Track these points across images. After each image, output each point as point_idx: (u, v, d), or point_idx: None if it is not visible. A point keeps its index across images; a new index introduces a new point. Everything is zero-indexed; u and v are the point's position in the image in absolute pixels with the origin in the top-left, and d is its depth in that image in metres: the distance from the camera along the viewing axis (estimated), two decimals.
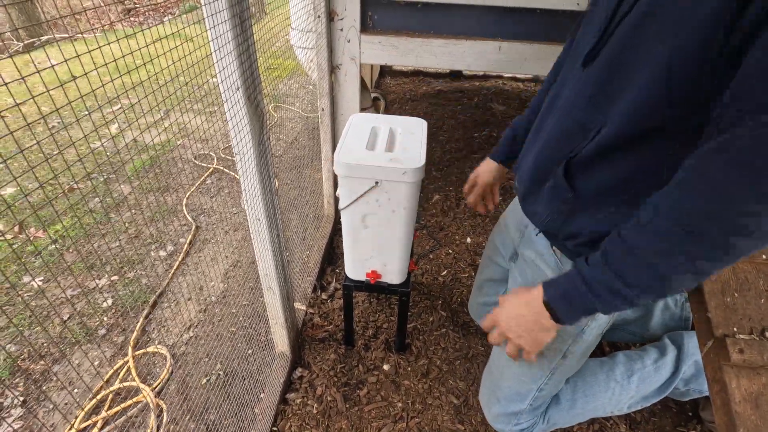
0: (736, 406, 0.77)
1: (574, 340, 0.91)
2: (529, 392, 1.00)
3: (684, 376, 1.06)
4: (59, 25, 4.50)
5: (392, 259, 1.16)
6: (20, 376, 1.30)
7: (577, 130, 0.71)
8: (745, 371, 0.79)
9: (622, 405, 1.09)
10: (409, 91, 3.55)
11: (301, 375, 1.31)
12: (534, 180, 0.82)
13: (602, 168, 0.69)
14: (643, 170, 0.65)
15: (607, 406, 1.08)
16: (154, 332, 1.47)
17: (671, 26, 0.54)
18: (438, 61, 1.47)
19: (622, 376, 1.07)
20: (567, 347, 0.93)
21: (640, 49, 0.59)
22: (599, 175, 0.70)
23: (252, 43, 0.80)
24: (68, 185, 2.21)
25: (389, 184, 0.99)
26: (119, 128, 2.63)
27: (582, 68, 0.69)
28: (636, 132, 0.62)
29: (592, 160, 0.69)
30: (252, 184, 0.91)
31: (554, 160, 0.76)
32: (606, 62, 0.65)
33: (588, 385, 1.07)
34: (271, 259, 1.05)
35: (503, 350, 1.01)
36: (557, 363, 0.96)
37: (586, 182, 0.72)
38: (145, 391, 1.25)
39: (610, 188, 0.69)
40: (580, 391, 1.07)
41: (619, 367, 1.08)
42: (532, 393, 1.00)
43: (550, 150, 0.77)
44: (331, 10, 1.41)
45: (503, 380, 1.04)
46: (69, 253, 1.80)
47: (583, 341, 0.92)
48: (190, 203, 2.13)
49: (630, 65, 0.61)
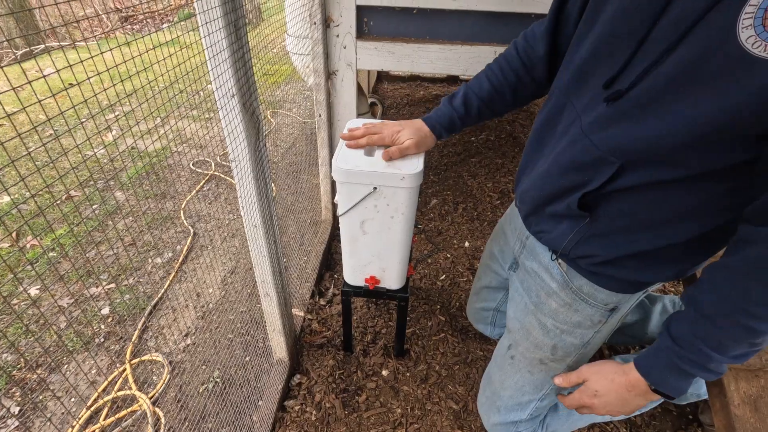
0: (735, 408, 0.77)
1: (579, 351, 0.90)
2: (530, 403, 0.99)
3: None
4: (57, 33, 4.51)
5: (391, 265, 1.16)
6: (16, 386, 1.29)
7: (594, 163, 0.65)
8: (743, 374, 0.79)
9: None
10: (406, 96, 3.57)
11: (299, 382, 1.31)
12: (539, 204, 0.79)
13: (627, 198, 0.65)
14: (677, 205, 0.62)
15: None
16: (151, 340, 1.46)
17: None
18: (434, 67, 1.47)
19: None
20: (571, 359, 0.91)
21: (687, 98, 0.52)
22: (622, 204, 0.66)
23: (247, 51, 0.80)
24: (66, 193, 2.20)
25: (387, 189, 0.99)
26: (117, 135, 2.63)
27: (605, 103, 0.62)
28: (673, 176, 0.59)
29: (612, 193, 0.66)
30: (248, 191, 0.91)
31: (565, 189, 0.71)
32: (640, 104, 0.58)
33: None
34: (268, 265, 1.04)
35: (507, 352, 1.00)
36: (560, 372, 0.94)
37: (606, 209, 0.68)
38: (142, 399, 1.25)
39: (635, 216, 0.66)
40: None
41: None
42: (533, 404, 0.98)
43: (561, 178, 0.72)
44: (327, 16, 1.42)
45: (504, 390, 1.02)
46: (67, 261, 1.79)
47: (586, 354, 0.91)
48: (187, 210, 2.13)
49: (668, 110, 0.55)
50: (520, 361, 0.97)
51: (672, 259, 0.70)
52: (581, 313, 0.83)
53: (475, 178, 2.37)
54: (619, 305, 0.81)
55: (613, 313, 0.82)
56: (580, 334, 0.86)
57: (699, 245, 0.67)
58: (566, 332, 0.87)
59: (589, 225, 0.71)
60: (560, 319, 0.86)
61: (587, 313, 0.83)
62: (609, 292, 0.78)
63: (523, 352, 0.96)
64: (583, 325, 0.85)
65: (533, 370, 0.96)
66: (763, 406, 0.77)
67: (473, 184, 2.32)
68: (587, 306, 0.82)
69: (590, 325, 0.85)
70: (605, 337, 0.91)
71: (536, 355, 0.93)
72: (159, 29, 5.11)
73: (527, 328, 0.93)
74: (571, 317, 0.85)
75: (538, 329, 0.91)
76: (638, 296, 0.81)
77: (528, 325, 0.93)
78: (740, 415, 0.76)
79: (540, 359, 0.93)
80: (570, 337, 0.87)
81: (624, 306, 0.82)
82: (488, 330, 1.30)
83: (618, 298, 0.79)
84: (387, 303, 1.60)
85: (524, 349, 0.95)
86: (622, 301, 0.80)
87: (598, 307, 0.81)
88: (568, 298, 0.83)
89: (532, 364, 0.95)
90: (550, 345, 0.90)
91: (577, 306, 0.83)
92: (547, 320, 0.89)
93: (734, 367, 0.79)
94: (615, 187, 0.65)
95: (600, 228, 0.70)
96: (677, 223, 0.64)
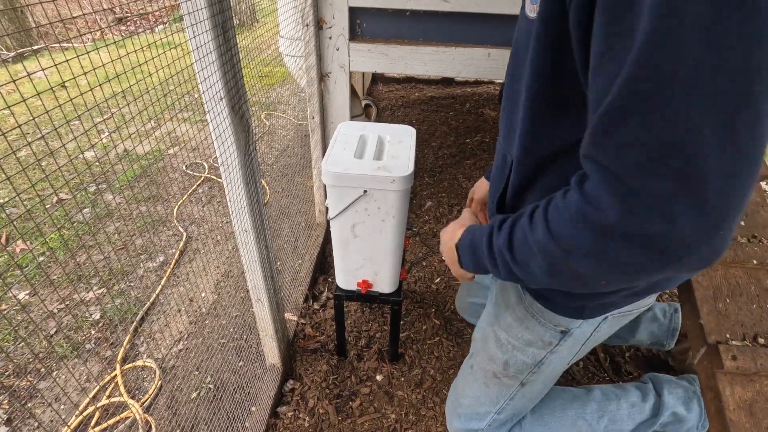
0: (730, 413, 0.76)
1: (532, 371, 0.88)
2: (488, 414, 0.97)
3: (662, 422, 1.02)
4: (50, 35, 4.48)
5: (383, 268, 1.15)
6: (4, 393, 1.27)
7: (501, 164, 0.71)
8: (738, 378, 0.78)
9: None
10: (401, 98, 3.56)
11: (292, 387, 1.29)
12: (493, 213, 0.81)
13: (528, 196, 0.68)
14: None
15: None
16: (143, 345, 1.44)
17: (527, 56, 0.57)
18: (428, 68, 1.46)
19: (592, 416, 1.01)
20: (524, 377, 0.89)
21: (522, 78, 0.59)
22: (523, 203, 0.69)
23: (236, 53, 0.79)
24: (56, 196, 2.18)
25: (378, 192, 0.98)
26: (108, 137, 2.60)
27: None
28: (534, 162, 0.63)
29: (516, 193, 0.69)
30: (238, 195, 0.89)
31: (494, 194, 0.76)
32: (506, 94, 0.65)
33: (555, 419, 1.02)
34: (259, 270, 1.03)
35: (468, 361, 1.01)
36: (516, 390, 0.92)
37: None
38: (133, 406, 1.23)
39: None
40: (545, 425, 1.02)
41: (592, 404, 1.03)
42: (491, 416, 0.97)
43: (494, 183, 0.77)
44: (320, 18, 1.41)
45: (464, 398, 1.00)
46: (57, 265, 1.77)
47: (542, 372, 0.88)
48: (180, 213, 2.11)
49: (519, 94, 0.60)
50: (477, 372, 0.97)
51: None
52: (532, 331, 0.82)
53: (470, 180, 2.36)
54: (569, 329, 0.78)
55: (565, 336, 0.80)
56: (531, 353, 0.85)
57: None
58: (518, 349, 0.86)
59: None
60: (513, 334, 0.85)
61: (537, 331, 0.81)
62: (553, 314, 0.77)
63: (479, 362, 0.95)
64: (535, 344, 0.83)
65: (488, 383, 0.94)
66: (758, 410, 0.76)
67: (468, 186, 2.31)
68: (537, 324, 0.81)
69: (542, 345, 0.83)
70: (567, 361, 0.88)
71: (490, 368, 0.92)
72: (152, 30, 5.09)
73: (485, 338, 0.93)
74: (522, 334, 0.84)
75: (493, 341, 0.90)
76: (595, 323, 0.78)
77: (486, 335, 0.93)
78: (735, 420, 0.75)
79: (494, 372, 0.92)
80: (521, 354, 0.86)
81: (577, 332, 0.79)
82: (476, 322, 1.30)
83: (566, 322, 0.77)
84: (381, 307, 1.59)
85: (481, 359, 0.95)
86: (572, 325, 0.78)
87: (547, 327, 0.80)
88: (521, 313, 0.83)
89: (487, 376, 0.94)
90: (503, 360, 0.89)
91: (528, 323, 0.82)
92: (501, 333, 0.88)
93: (730, 372, 0.78)
94: (514, 184, 0.67)
95: None
96: None
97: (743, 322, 0.83)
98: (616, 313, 0.77)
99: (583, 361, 1.41)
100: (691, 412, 1.01)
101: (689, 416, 1.01)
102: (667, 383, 1.05)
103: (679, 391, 1.03)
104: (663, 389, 1.04)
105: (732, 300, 0.85)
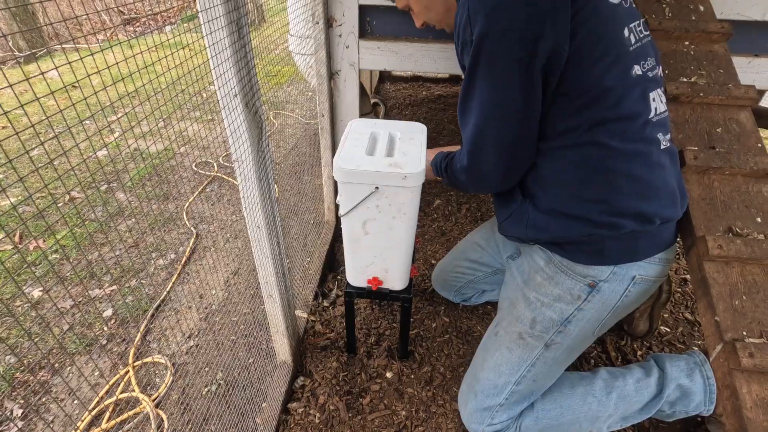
0: (747, 412, 0.75)
1: (558, 330, 0.94)
2: (507, 385, 1.01)
3: (669, 399, 1.03)
4: (61, 36, 4.53)
5: (393, 266, 1.15)
6: (20, 388, 1.29)
7: None
8: (755, 376, 0.78)
9: (601, 424, 1.04)
10: (408, 96, 3.56)
11: (303, 384, 1.30)
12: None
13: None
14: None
15: (583, 422, 1.04)
16: (154, 342, 1.46)
17: None
18: (437, 66, 1.46)
19: (601, 392, 1.03)
20: (550, 336, 0.95)
21: None
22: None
23: (250, 50, 0.79)
24: (68, 195, 2.21)
25: (389, 189, 0.98)
26: (120, 136, 2.63)
27: None
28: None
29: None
30: (251, 191, 0.90)
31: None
32: None
33: (564, 396, 1.04)
34: (271, 266, 1.04)
35: (493, 329, 1.09)
36: (539, 353, 0.97)
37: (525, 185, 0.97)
38: (145, 401, 1.24)
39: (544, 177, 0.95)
40: (556, 402, 1.04)
41: (599, 382, 1.05)
42: (509, 387, 1.00)
43: None
44: (330, 16, 1.41)
45: (483, 371, 1.05)
46: (70, 262, 1.79)
47: (568, 333, 0.94)
48: (190, 211, 2.13)
49: None
50: (502, 336, 1.03)
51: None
52: (561, 286, 0.93)
53: None
54: (597, 281, 0.88)
55: (594, 291, 0.89)
56: (559, 309, 0.93)
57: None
58: (546, 305, 0.95)
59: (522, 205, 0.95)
60: (542, 292, 0.96)
61: (566, 285, 0.92)
62: (581, 266, 0.90)
63: (505, 326, 1.03)
64: (563, 299, 0.92)
65: (512, 346, 1.00)
66: None
67: None
68: (567, 278, 0.92)
69: (570, 299, 0.92)
70: (593, 327, 0.94)
71: (516, 329, 1.00)
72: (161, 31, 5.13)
73: (513, 302, 1.03)
74: (552, 290, 0.94)
75: (522, 302, 1.00)
76: (625, 283, 0.89)
77: (514, 299, 1.03)
78: (753, 418, 0.75)
79: (519, 333, 0.99)
80: (549, 311, 0.94)
81: (606, 288, 0.89)
82: (451, 296, 1.52)
83: (593, 271, 0.88)
84: (391, 304, 1.59)
85: (507, 323, 1.02)
86: (600, 276, 0.88)
87: (576, 279, 0.91)
88: (551, 271, 0.95)
89: (511, 339, 1.00)
90: (530, 318, 0.97)
91: (558, 279, 0.93)
92: (530, 293, 0.98)
93: (746, 369, 0.77)
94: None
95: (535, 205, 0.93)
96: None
97: (760, 319, 0.82)
98: (645, 277, 0.89)
99: (594, 359, 1.40)
100: (695, 383, 1.02)
101: (694, 387, 1.02)
102: (669, 358, 1.08)
103: (680, 363, 1.05)
104: (665, 363, 1.06)
105: (748, 297, 0.84)
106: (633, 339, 1.45)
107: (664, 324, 1.53)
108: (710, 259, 0.86)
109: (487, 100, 0.82)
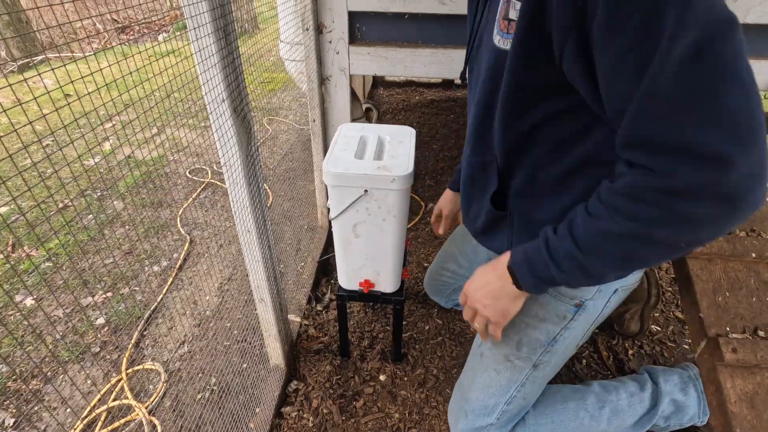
0: (731, 406, 0.76)
1: (546, 349, 0.89)
2: (497, 406, 0.97)
3: (663, 414, 1.02)
4: (54, 45, 4.54)
5: (385, 268, 1.16)
6: (12, 397, 1.28)
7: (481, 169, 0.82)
8: (739, 371, 0.79)
9: None
10: (401, 101, 3.58)
11: (296, 388, 1.30)
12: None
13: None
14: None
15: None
16: (148, 348, 1.45)
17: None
18: (427, 71, 1.48)
19: (594, 406, 1.02)
20: (538, 357, 0.90)
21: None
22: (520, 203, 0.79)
23: (237, 56, 0.80)
24: (62, 203, 2.20)
25: (378, 192, 0.99)
26: (113, 145, 2.63)
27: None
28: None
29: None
30: (241, 195, 0.91)
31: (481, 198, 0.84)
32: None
33: (557, 412, 1.02)
34: (262, 270, 1.04)
35: (478, 350, 1.02)
36: (528, 374, 0.93)
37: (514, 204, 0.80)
38: (138, 408, 1.24)
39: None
40: (548, 417, 1.02)
41: (592, 396, 1.03)
42: (500, 407, 0.97)
43: (477, 189, 0.85)
44: (320, 22, 1.43)
45: (472, 392, 1.00)
46: (63, 270, 1.79)
47: (554, 352, 0.90)
48: (184, 218, 2.13)
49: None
50: (487, 358, 0.97)
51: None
52: (546, 307, 0.86)
53: None
54: (584, 301, 0.83)
55: (579, 310, 0.84)
56: (545, 330, 0.88)
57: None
58: (532, 327, 0.88)
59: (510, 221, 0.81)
60: (526, 312, 0.87)
61: (552, 306, 0.85)
62: (570, 288, 0.81)
63: (491, 347, 0.97)
64: (550, 320, 0.87)
65: (499, 368, 0.95)
66: (759, 402, 0.76)
67: None
68: (552, 299, 0.85)
69: (556, 320, 0.86)
70: (578, 339, 0.90)
71: (502, 351, 0.94)
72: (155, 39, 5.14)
73: None
74: (537, 311, 0.87)
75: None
76: (607, 296, 0.83)
77: None
78: (737, 412, 0.76)
79: (506, 355, 0.93)
80: (535, 332, 0.88)
81: (591, 305, 0.83)
82: (443, 301, 1.49)
83: (581, 293, 0.82)
84: (384, 307, 1.59)
85: (492, 344, 0.97)
86: (587, 296, 0.82)
87: (563, 300, 0.84)
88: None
89: (498, 361, 0.95)
90: (516, 340, 0.91)
91: (542, 299, 0.86)
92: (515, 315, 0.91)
93: (730, 365, 0.79)
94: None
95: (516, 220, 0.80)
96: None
97: (743, 315, 0.83)
98: (625, 286, 0.83)
99: (586, 359, 1.41)
100: (689, 398, 1.02)
101: (688, 402, 1.01)
102: (662, 372, 1.07)
103: (674, 378, 1.04)
104: (659, 377, 1.05)
105: (731, 293, 0.85)
106: (624, 338, 1.46)
107: (655, 323, 1.54)
108: (693, 256, 0.88)
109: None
